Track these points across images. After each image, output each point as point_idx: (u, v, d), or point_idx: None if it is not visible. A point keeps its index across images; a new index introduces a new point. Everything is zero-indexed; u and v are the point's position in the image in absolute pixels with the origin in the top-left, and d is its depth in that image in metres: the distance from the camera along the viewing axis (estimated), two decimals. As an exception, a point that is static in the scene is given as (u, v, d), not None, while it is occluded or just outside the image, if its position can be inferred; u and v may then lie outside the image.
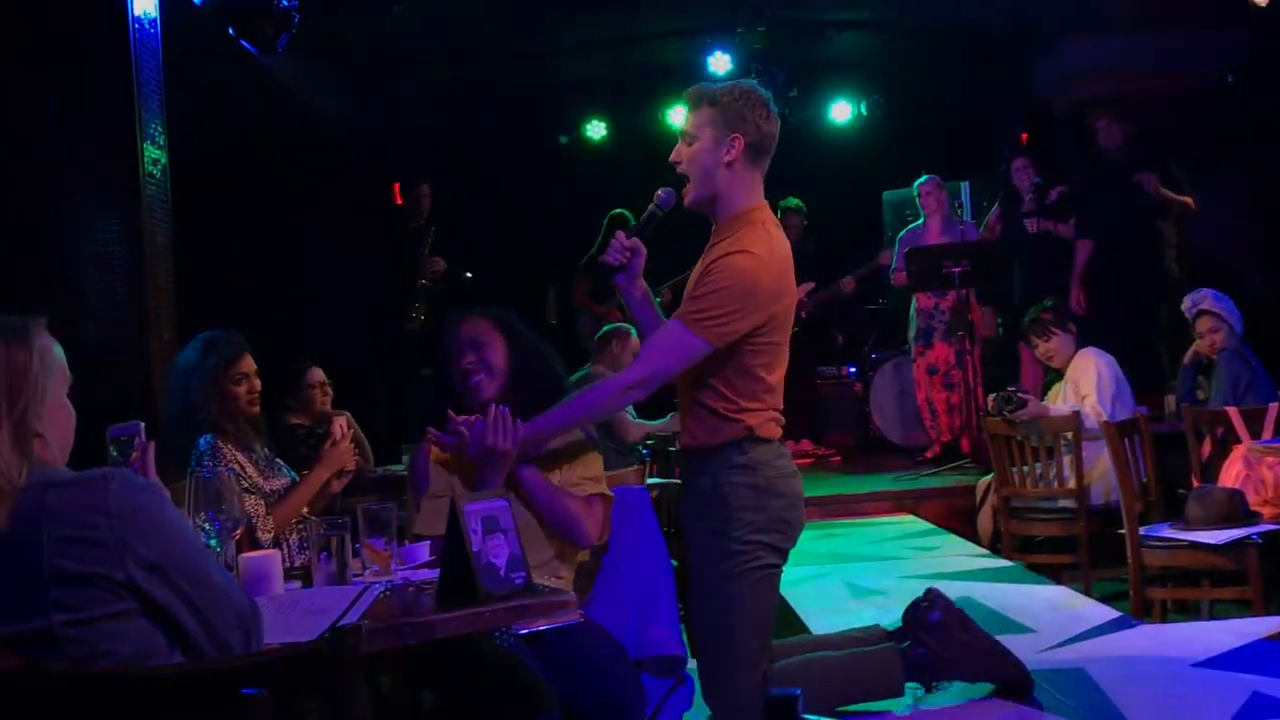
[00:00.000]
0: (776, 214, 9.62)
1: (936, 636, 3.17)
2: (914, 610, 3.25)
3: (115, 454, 2.42)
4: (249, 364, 3.82)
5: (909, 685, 3.23)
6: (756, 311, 2.95)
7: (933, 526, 6.42)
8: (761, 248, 2.99)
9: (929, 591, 3.27)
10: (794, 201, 9.03)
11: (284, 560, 3.06)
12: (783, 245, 3.10)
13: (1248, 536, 4.48)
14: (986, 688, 3.29)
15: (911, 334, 8.27)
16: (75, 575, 1.78)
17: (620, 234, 3.20)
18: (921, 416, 8.27)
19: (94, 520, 1.80)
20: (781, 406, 3.16)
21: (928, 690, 3.20)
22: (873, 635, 3.38)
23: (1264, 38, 7.74)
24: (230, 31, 5.92)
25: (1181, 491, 5.06)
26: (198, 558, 1.94)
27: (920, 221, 8.27)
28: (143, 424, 2.47)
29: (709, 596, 3.08)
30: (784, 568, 4.98)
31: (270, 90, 6.98)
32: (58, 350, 1.98)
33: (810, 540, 6.08)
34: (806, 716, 1.73)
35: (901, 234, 8.35)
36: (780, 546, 3.12)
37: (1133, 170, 7.49)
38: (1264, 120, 8.13)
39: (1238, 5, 7.39)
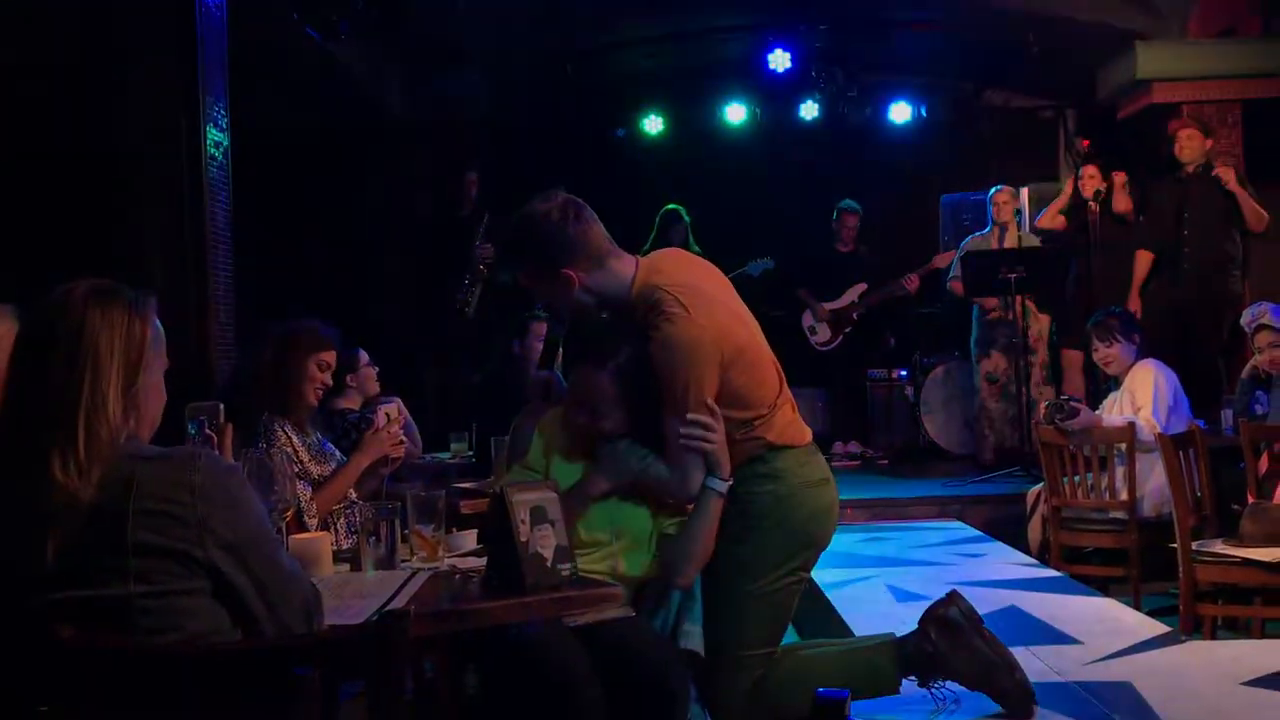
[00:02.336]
0: (833, 215, 9.58)
1: (943, 634, 3.15)
2: (932, 606, 3.23)
3: (193, 432, 2.46)
4: (333, 358, 3.93)
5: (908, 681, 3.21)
6: (715, 355, 2.91)
7: (980, 533, 6.37)
8: (670, 305, 2.90)
9: (951, 592, 3.26)
10: (850, 203, 9.00)
11: (333, 544, 3.10)
12: (686, 270, 3.06)
13: (1303, 556, 4.41)
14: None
15: (973, 340, 8.20)
16: (156, 548, 1.82)
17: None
18: (978, 424, 8.20)
19: (179, 496, 1.83)
20: (792, 402, 3.14)
21: (923, 686, 3.18)
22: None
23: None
24: (295, 16, 5.97)
25: (1236, 507, 4.98)
26: (271, 543, 1.97)
27: (988, 229, 8.18)
28: (222, 404, 2.51)
29: (722, 601, 3.10)
30: (826, 570, 4.99)
31: (334, 76, 7.04)
32: (163, 332, 2.02)
33: (856, 543, 6.08)
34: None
35: (965, 241, 8.27)
36: (802, 559, 3.12)
37: (1205, 184, 7.38)
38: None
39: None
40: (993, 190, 8.14)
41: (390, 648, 1.79)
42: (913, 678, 3.19)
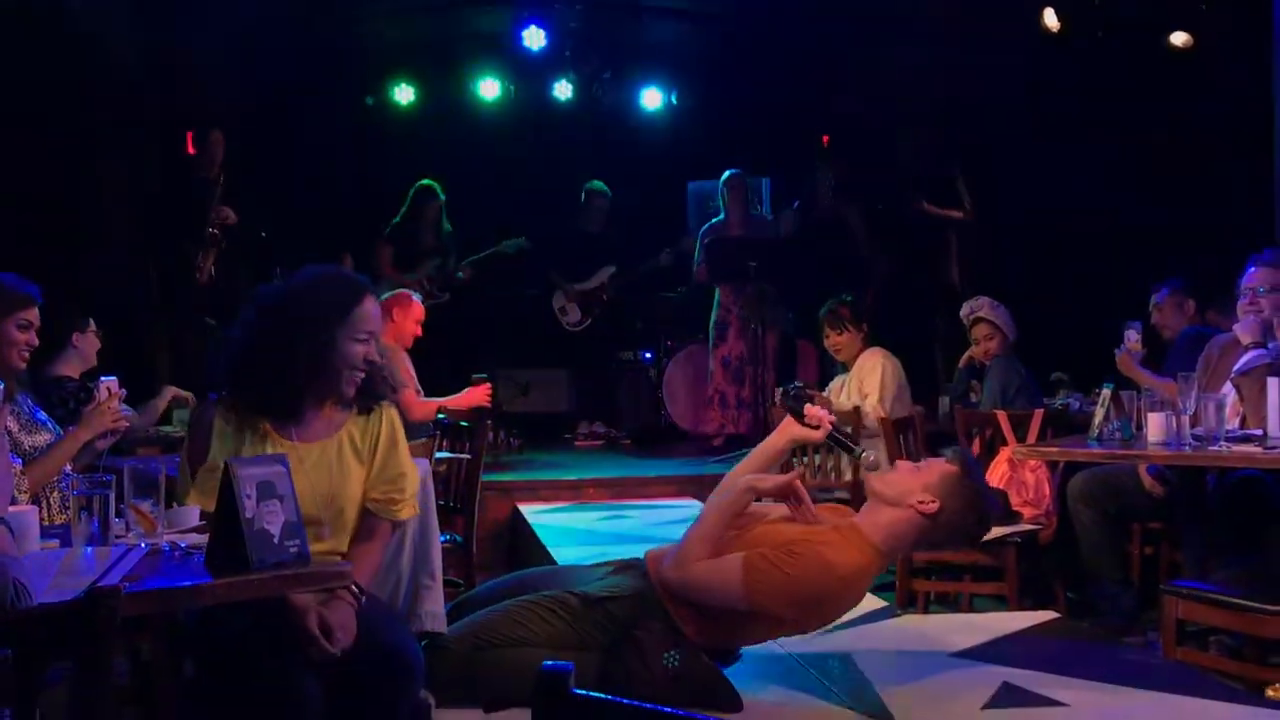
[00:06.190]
0: (581, 195, 9.62)
1: (634, 654, 3.08)
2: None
3: None
4: (35, 316, 3.71)
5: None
6: (799, 616, 3.09)
7: (715, 512, 6.52)
8: (850, 571, 3.07)
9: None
10: (598, 184, 9.06)
11: (43, 518, 2.91)
12: (858, 587, 3.17)
13: (1008, 535, 4.73)
14: None
15: (711, 324, 8.38)
16: None
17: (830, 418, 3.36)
18: (712, 406, 8.40)
19: None
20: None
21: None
22: None
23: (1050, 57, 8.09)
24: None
25: (950, 489, 5.28)
26: None
27: (721, 216, 8.40)
28: None
29: (505, 610, 3.10)
30: (565, 547, 5.00)
31: (61, 24, 6.59)
32: None
33: (597, 520, 6.16)
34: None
35: (704, 228, 8.46)
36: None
37: (923, 181, 7.85)
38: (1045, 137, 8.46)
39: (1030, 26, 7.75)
40: (724, 175, 8.36)
41: (99, 627, 1.70)
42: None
